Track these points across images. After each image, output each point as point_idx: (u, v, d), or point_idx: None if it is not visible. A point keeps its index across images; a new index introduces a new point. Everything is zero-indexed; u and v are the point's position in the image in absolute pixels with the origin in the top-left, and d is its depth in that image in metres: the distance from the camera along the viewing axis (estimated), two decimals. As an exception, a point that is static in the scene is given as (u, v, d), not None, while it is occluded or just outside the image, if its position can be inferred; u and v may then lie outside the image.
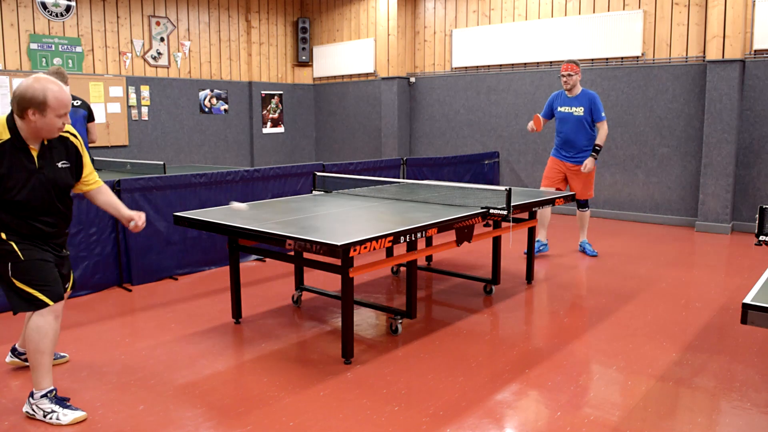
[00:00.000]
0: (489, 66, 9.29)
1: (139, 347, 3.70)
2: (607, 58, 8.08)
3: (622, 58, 7.96)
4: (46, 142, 2.79)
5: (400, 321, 3.93)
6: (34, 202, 2.76)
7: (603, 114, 5.73)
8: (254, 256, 5.84)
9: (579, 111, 5.75)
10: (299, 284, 4.54)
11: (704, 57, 7.31)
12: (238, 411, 2.89)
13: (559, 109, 5.88)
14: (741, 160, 7.20)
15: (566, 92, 5.86)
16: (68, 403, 2.85)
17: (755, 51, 6.99)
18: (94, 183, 3.07)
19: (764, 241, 2.89)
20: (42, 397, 2.81)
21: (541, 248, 6.07)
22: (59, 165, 2.84)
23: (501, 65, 9.15)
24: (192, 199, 5.42)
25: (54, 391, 2.84)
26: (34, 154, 2.74)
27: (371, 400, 2.99)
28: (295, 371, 3.33)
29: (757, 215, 2.88)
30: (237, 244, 3.95)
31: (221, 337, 3.86)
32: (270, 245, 3.51)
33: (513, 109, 9.00)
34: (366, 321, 4.19)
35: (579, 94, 5.80)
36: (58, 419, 2.76)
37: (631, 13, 7.80)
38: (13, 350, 3.38)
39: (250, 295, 4.71)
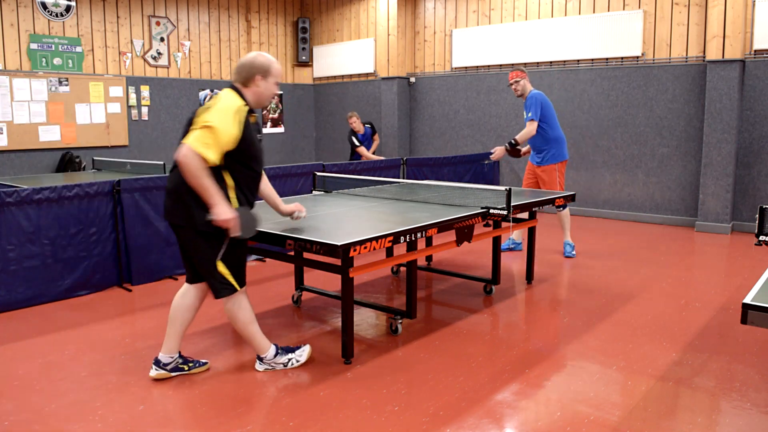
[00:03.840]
0: (489, 66, 9.29)
1: (139, 347, 3.70)
2: (607, 58, 8.08)
3: (622, 58, 7.96)
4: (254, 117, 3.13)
5: (400, 321, 3.93)
6: (260, 168, 3.14)
7: (530, 114, 5.79)
8: (254, 256, 5.84)
9: (525, 115, 5.94)
10: (299, 284, 4.54)
11: (704, 57, 7.31)
12: (238, 411, 2.89)
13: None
14: (741, 160, 7.20)
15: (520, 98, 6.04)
16: (293, 347, 3.38)
17: (755, 51, 6.99)
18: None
19: (764, 241, 2.89)
20: (275, 355, 3.29)
21: (512, 246, 6.25)
22: (258, 136, 3.15)
23: (501, 65, 9.15)
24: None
25: (278, 347, 3.32)
26: (252, 120, 3.08)
27: (371, 400, 2.99)
28: (295, 371, 3.33)
29: (757, 215, 2.88)
30: (237, 244, 3.94)
31: (221, 337, 3.86)
32: (270, 245, 3.50)
33: (513, 109, 8.99)
34: (366, 321, 4.19)
35: (527, 98, 5.91)
36: (297, 361, 3.34)
37: (631, 13, 7.80)
38: (157, 362, 3.23)
39: (250, 295, 4.67)
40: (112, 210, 4.93)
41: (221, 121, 2.85)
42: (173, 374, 3.24)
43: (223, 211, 2.90)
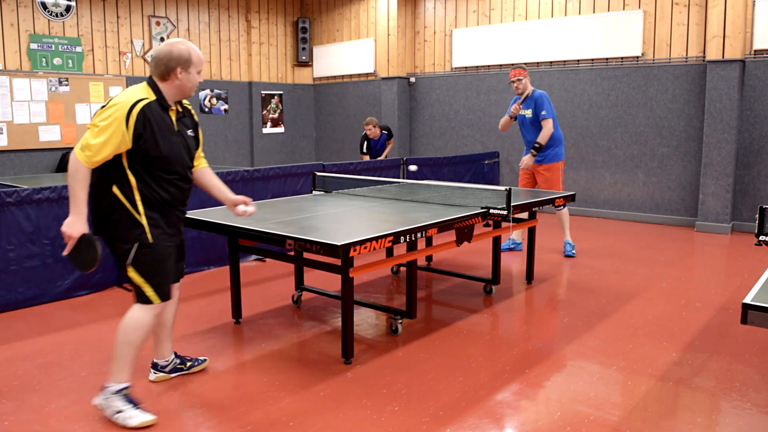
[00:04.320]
0: (489, 66, 9.29)
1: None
2: (607, 58, 8.08)
3: (622, 58, 7.96)
4: (180, 109, 2.90)
5: (400, 321, 3.93)
6: (176, 162, 2.82)
7: (545, 113, 5.76)
8: (254, 256, 5.84)
9: (528, 113, 5.88)
10: (299, 284, 4.54)
11: (704, 57, 7.31)
12: (238, 411, 2.89)
13: (520, 112, 5.98)
14: (741, 160, 7.20)
15: (520, 96, 5.97)
16: (140, 407, 2.77)
17: (755, 51, 6.99)
18: (203, 160, 3.14)
19: (764, 241, 2.89)
20: (116, 392, 2.76)
21: (512, 246, 6.25)
22: (189, 132, 2.93)
23: (501, 65, 9.15)
24: (192, 199, 5.37)
25: (128, 388, 2.79)
26: (173, 116, 2.83)
27: (371, 400, 2.99)
28: (295, 371, 3.33)
29: (757, 215, 2.88)
30: (237, 244, 3.95)
31: (221, 337, 3.86)
32: (270, 245, 3.50)
33: (513, 109, 8.99)
34: (366, 321, 4.19)
35: (530, 96, 5.88)
36: (124, 420, 2.70)
37: (631, 13, 7.80)
38: (155, 366, 3.21)
39: (250, 295, 4.70)
40: (112, 210, 4.92)
41: (106, 121, 2.61)
42: (173, 375, 3.23)
43: (71, 223, 2.63)
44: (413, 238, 3.48)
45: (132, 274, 2.78)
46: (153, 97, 2.75)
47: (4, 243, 4.33)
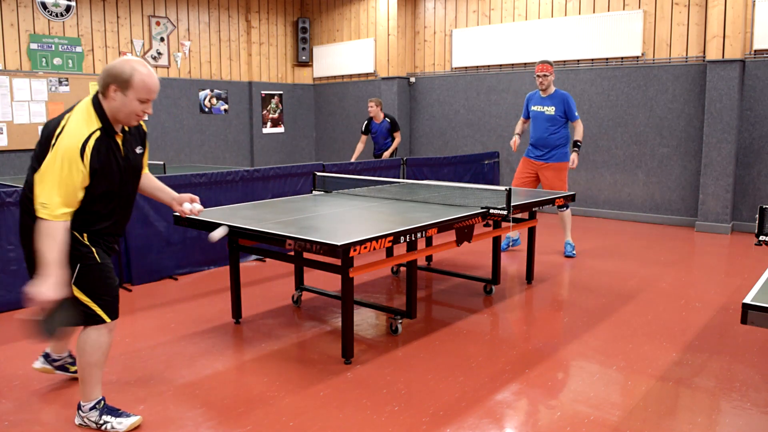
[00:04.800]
0: (489, 66, 9.29)
1: (139, 347, 3.70)
2: (607, 58, 8.08)
3: (622, 58, 7.96)
4: (126, 128, 2.62)
5: (400, 321, 3.93)
6: (122, 192, 2.62)
7: (577, 114, 5.85)
8: (254, 256, 5.84)
9: (551, 110, 5.85)
10: (299, 284, 4.54)
11: (704, 57, 7.31)
12: (238, 411, 2.89)
13: (532, 108, 5.97)
14: (741, 160, 7.20)
15: (541, 92, 5.94)
16: (120, 411, 2.73)
17: (755, 51, 6.99)
18: (146, 167, 2.92)
19: (764, 241, 2.89)
20: (91, 409, 2.68)
21: (511, 244, 6.28)
22: (137, 150, 2.69)
23: (501, 65, 9.15)
24: (192, 199, 5.41)
25: (102, 401, 2.71)
26: (119, 140, 2.57)
27: (371, 400, 2.99)
28: (295, 371, 3.33)
29: (757, 215, 2.88)
30: (237, 244, 3.95)
31: (221, 337, 3.86)
32: (270, 245, 3.51)
33: (513, 109, 8.99)
34: (366, 321, 4.19)
35: (552, 93, 5.87)
36: (113, 428, 2.66)
37: (631, 13, 7.80)
38: (47, 356, 3.14)
39: (250, 295, 4.70)
40: (112, 210, 4.92)
41: (55, 169, 2.36)
42: (58, 372, 3.18)
43: (42, 286, 2.37)
44: (413, 238, 3.48)
45: (78, 294, 2.57)
46: (99, 125, 2.48)
47: (4, 243, 4.33)
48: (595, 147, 8.27)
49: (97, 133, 2.46)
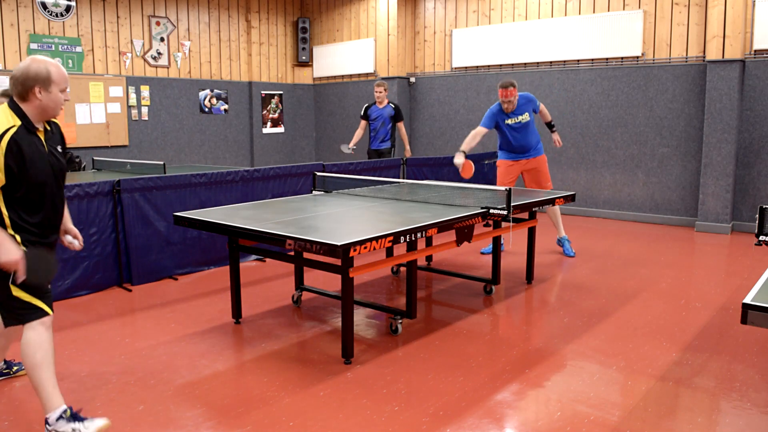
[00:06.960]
0: (489, 66, 9.29)
1: (139, 347, 3.70)
2: (607, 58, 8.08)
3: (622, 58, 7.96)
4: (48, 127, 2.70)
5: (400, 321, 3.93)
6: (50, 187, 2.65)
7: (538, 102, 6.01)
8: (254, 256, 5.84)
9: (525, 117, 5.90)
10: (299, 284, 4.54)
11: (704, 57, 7.31)
12: (238, 411, 2.89)
13: (507, 122, 5.90)
14: (741, 160, 7.20)
15: (501, 109, 5.93)
16: (83, 415, 2.69)
17: (755, 51, 6.99)
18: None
19: (764, 241, 2.89)
20: (58, 419, 2.61)
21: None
22: (58, 149, 2.75)
23: (501, 65, 9.15)
24: (192, 199, 5.42)
25: (68, 410, 2.65)
26: (41, 137, 2.64)
27: (371, 400, 2.99)
28: (295, 371, 3.33)
29: (757, 215, 2.88)
30: (237, 244, 3.95)
31: (221, 337, 3.86)
32: (270, 245, 3.51)
33: (513, 109, 8.98)
34: (366, 321, 4.19)
35: (518, 104, 5.88)
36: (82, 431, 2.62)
37: (631, 13, 7.80)
38: None
39: (250, 295, 4.71)
40: (112, 210, 4.93)
41: None
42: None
43: (4, 252, 2.46)
44: (413, 238, 3.48)
45: (18, 293, 2.58)
46: (18, 122, 2.52)
47: None
48: (595, 147, 8.27)
49: (14, 129, 2.51)
